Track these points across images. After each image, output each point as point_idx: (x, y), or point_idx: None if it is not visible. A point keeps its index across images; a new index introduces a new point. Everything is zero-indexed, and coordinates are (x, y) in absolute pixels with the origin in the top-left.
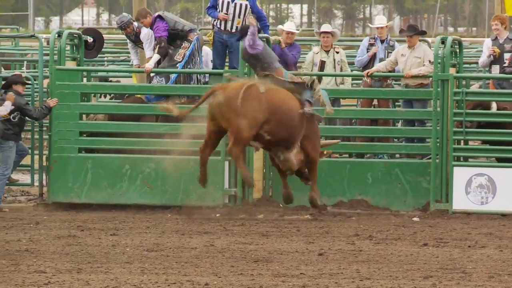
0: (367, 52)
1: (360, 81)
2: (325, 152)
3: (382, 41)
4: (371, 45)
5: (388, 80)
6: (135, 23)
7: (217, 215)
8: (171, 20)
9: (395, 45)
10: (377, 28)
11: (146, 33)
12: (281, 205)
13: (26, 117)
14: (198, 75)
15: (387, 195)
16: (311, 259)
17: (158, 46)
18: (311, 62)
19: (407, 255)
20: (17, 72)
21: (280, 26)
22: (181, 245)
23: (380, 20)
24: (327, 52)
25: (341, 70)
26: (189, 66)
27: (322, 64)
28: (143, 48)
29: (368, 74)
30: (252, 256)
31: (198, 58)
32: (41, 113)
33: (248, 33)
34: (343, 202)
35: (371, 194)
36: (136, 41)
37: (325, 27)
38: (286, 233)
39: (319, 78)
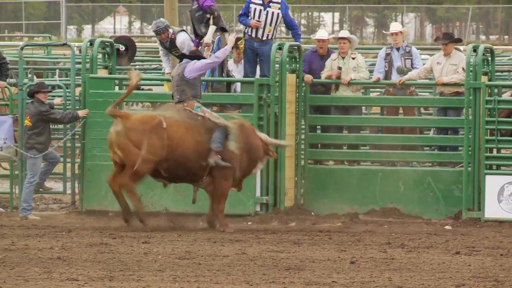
0: (385, 62)
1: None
2: (271, 154)
3: (398, 49)
4: (388, 54)
5: (411, 88)
6: (171, 30)
7: (249, 223)
8: None
9: (412, 51)
10: (392, 35)
11: (183, 39)
12: (313, 213)
13: (52, 125)
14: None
15: (419, 203)
16: (343, 267)
17: (212, 16)
18: (329, 68)
19: (439, 263)
20: (47, 80)
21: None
22: (213, 253)
23: (394, 26)
24: (344, 58)
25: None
26: (214, 68)
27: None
28: (176, 55)
29: (400, 82)
30: (284, 264)
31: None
32: (67, 117)
33: (205, 63)
34: (375, 210)
35: (403, 203)
36: (171, 47)
37: (342, 33)
38: (318, 241)
39: (337, 86)
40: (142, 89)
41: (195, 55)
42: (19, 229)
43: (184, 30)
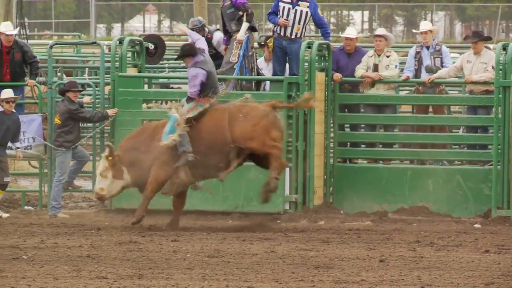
0: (415, 60)
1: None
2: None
3: (427, 47)
4: (418, 53)
5: (441, 86)
6: (207, 29)
7: (278, 221)
8: None
9: (442, 50)
10: (422, 33)
11: (219, 38)
12: (341, 212)
13: (82, 123)
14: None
15: (448, 201)
16: (372, 265)
17: (245, 13)
18: (365, 65)
19: (468, 261)
20: (77, 78)
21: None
22: (242, 251)
23: (424, 25)
24: (379, 55)
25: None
26: (243, 67)
27: (375, 68)
28: (210, 54)
29: (430, 81)
30: (313, 262)
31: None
32: (96, 116)
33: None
34: (404, 208)
35: (432, 201)
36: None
37: (379, 31)
38: (347, 240)
39: (373, 83)
40: (172, 88)
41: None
42: (48, 227)
43: (219, 29)
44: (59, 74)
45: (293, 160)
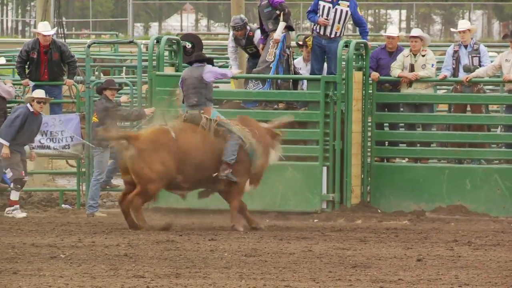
0: (453, 59)
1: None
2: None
3: (465, 46)
4: (455, 52)
5: (479, 85)
6: (249, 27)
7: (315, 220)
8: None
9: (480, 49)
10: (459, 32)
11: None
12: (379, 211)
13: (120, 122)
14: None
15: (486, 201)
16: (409, 264)
17: (282, 12)
18: (401, 64)
19: (506, 261)
20: (114, 77)
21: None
22: (279, 250)
23: (462, 24)
24: (415, 55)
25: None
26: (279, 65)
27: (412, 68)
28: (250, 52)
29: (467, 80)
30: (350, 261)
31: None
32: (133, 114)
33: (221, 72)
34: (442, 208)
35: (469, 200)
36: (246, 44)
37: (414, 32)
38: (384, 239)
39: (410, 82)
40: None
41: (205, 58)
42: (85, 226)
43: (260, 28)
44: (96, 73)
45: (330, 159)
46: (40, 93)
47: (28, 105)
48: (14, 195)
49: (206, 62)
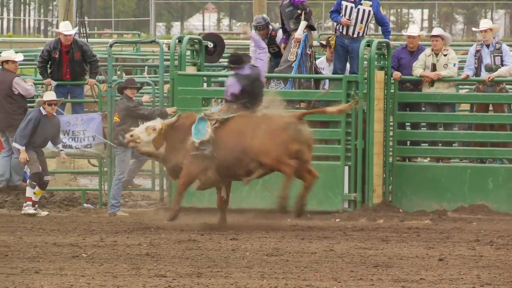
0: (475, 58)
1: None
2: None
3: (487, 46)
4: (477, 51)
5: (501, 85)
6: (271, 26)
7: (337, 220)
8: None
9: (502, 48)
10: (482, 32)
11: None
12: (401, 210)
13: (141, 122)
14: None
15: (508, 200)
16: (431, 264)
17: (303, 12)
18: (423, 64)
19: None
20: (136, 77)
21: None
22: (301, 250)
23: (484, 23)
24: (437, 55)
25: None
26: (301, 65)
27: (433, 67)
28: (272, 52)
29: (490, 79)
30: (372, 261)
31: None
32: (154, 113)
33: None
34: (464, 207)
35: (491, 200)
36: (269, 44)
37: (435, 31)
38: (406, 238)
39: (432, 82)
40: None
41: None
42: (107, 225)
43: (281, 27)
44: (118, 72)
45: (352, 159)
46: (50, 96)
47: (41, 108)
48: (29, 192)
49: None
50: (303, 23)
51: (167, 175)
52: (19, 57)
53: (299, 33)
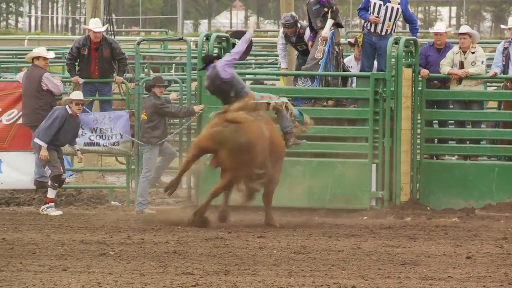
0: (503, 56)
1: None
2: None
3: None
4: (505, 49)
5: None
6: (299, 24)
7: (364, 218)
8: None
9: None
10: (510, 29)
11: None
12: (428, 208)
13: (169, 120)
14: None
15: None
16: (458, 262)
17: (330, 10)
18: (450, 61)
19: None
20: (163, 75)
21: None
22: (328, 248)
23: (511, 21)
24: (465, 52)
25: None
26: (328, 63)
27: (461, 65)
28: (300, 49)
29: None
30: (399, 259)
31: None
32: (182, 111)
33: (229, 58)
34: (491, 205)
35: None
36: (297, 42)
37: (463, 29)
38: (434, 236)
39: (460, 79)
40: (265, 84)
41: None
42: (135, 223)
43: (308, 25)
44: (146, 70)
45: (379, 157)
46: (78, 95)
47: (67, 107)
48: (51, 193)
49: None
50: (329, 21)
51: (194, 173)
52: (51, 54)
53: (326, 31)
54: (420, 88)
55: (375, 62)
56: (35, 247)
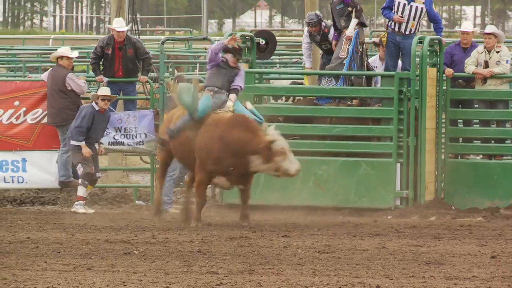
0: None
1: None
2: None
3: None
4: None
5: None
6: (324, 23)
7: (389, 217)
8: None
9: None
10: None
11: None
12: (453, 207)
13: None
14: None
15: None
16: (483, 261)
17: (354, 9)
18: (475, 60)
19: None
20: (187, 73)
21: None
22: (353, 247)
23: None
24: (489, 52)
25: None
26: (352, 62)
27: (486, 64)
28: (324, 49)
29: None
30: (424, 258)
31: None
32: None
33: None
34: None
35: None
36: (321, 41)
37: (488, 29)
38: (458, 236)
39: (484, 79)
40: (296, 83)
41: None
42: (159, 222)
43: (332, 25)
44: (170, 69)
45: (404, 156)
46: (104, 91)
47: (93, 103)
48: (81, 191)
49: None
50: (353, 21)
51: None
52: (74, 54)
53: (350, 30)
54: (444, 88)
55: (399, 62)
56: (60, 246)
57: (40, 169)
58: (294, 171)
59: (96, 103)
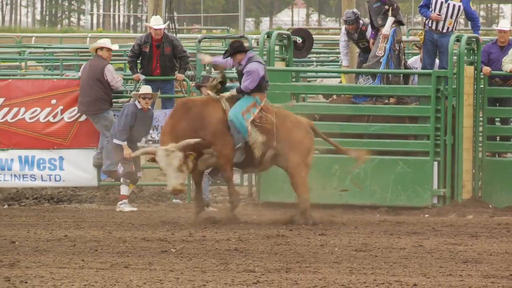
0: None
1: None
2: None
3: None
4: None
5: None
6: (361, 21)
7: (426, 215)
8: None
9: None
10: None
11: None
12: (490, 206)
13: None
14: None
15: None
16: None
17: (391, 8)
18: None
19: None
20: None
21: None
22: (390, 246)
23: None
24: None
25: None
26: (389, 60)
27: None
28: (362, 47)
29: None
30: (461, 257)
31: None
32: None
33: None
34: None
35: None
36: (358, 39)
37: (502, 25)
38: (496, 234)
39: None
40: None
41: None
42: (198, 220)
43: (370, 23)
44: (207, 68)
45: (441, 154)
46: (146, 89)
47: (136, 102)
48: (123, 190)
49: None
50: (390, 19)
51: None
52: (115, 46)
53: (387, 29)
54: (482, 86)
55: (437, 60)
56: (97, 244)
57: (77, 167)
58: (169, 189)
59: (139, 102)
